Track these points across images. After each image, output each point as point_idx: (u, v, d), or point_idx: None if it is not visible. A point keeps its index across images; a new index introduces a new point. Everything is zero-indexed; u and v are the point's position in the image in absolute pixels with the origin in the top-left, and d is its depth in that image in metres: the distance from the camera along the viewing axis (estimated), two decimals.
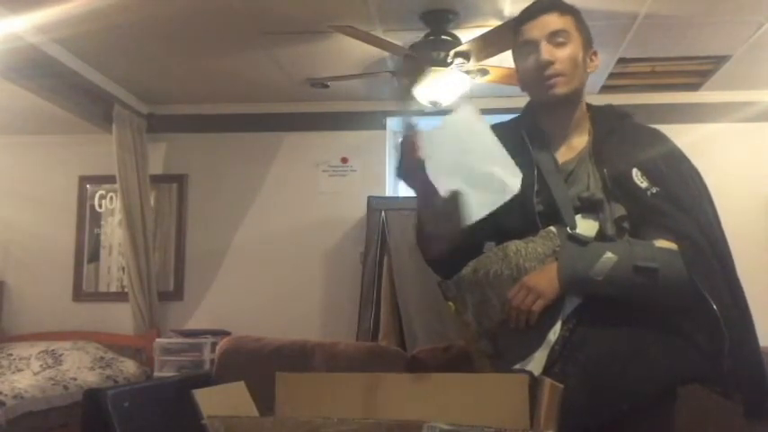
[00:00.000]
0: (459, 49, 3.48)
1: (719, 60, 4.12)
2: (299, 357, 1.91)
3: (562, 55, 1.57)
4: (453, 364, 2.24)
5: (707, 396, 1.55)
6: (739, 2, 3.37)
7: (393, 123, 4.86)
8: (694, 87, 4.56)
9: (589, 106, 1.69)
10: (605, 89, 4.56)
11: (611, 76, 4.35)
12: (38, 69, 3.77)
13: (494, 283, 1.49)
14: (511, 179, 1.38)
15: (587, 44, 1.64)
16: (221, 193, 4.93)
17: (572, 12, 1.62)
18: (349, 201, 4.73)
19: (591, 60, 1.65)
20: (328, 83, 4.41)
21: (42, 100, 4.07)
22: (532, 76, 1.60)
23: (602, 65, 4.18)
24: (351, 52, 3.89)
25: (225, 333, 4.13)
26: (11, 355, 4.33)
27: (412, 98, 3.65)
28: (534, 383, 1.25)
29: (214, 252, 4.86)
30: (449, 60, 3.55)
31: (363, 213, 4.39)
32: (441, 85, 3.64)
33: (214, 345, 3.97)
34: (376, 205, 4.25)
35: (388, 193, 4.75)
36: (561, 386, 1.13)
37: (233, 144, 4.93)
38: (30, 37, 3.51)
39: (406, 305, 3.91)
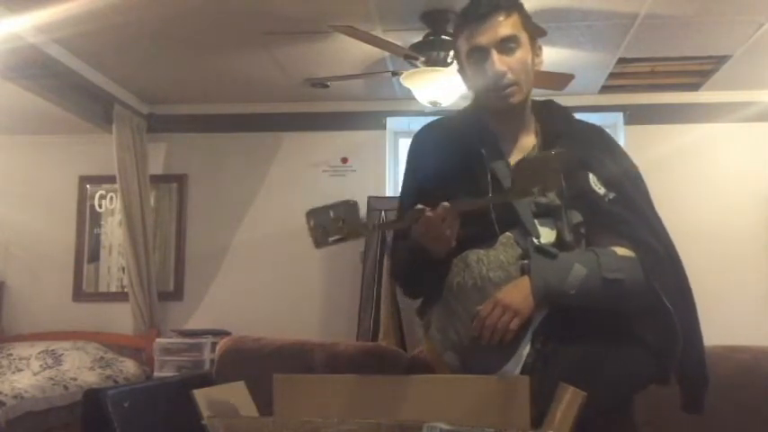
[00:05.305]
0: None
1: (719, 60, 4.12)
2: (299, 357, 1.90)
3: (514, 63, 1.52)
4: None
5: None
6: (739, 2, 3.37)
7: (393, 123, 4.86)
8: (694, 87, 4.55)
9: (532, 102, 1.66)
10: (605, 89, 4.56)
11: (611, 76, 4.35)
12: (38, 69, 3.77)
13: (458, 295, 1.45)
14: None
15: (533, 40, 1.59)
16: (221, 193, 4.92)
17: (516, 7, 1.56)
18: None
19: (537, 56, 1.61)
20: (328, 83, 4.41)
21: (42, 100, 4.07)
22: (485, 85, 1.56)
23: (602, 65, 4.17)
24: (351, 52, 3.89)
25: (225, 333, 4.12)
26: (11, 355, 4.33)
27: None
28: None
29: (214, 252, 4.86)
30: (449, 60, 3.55)
31: (363, 213, 4.39)
32: (441, 85, 3.64)
33: (214, 345, 3.97)
34: (376, 205, 4.25)
35: (388, 193, 4.75)
36: (584, 394, 1.11)
37: (233, 144, 4.93)
38: (30, 37, 3.51)
39: (407, 305, 3.91)
